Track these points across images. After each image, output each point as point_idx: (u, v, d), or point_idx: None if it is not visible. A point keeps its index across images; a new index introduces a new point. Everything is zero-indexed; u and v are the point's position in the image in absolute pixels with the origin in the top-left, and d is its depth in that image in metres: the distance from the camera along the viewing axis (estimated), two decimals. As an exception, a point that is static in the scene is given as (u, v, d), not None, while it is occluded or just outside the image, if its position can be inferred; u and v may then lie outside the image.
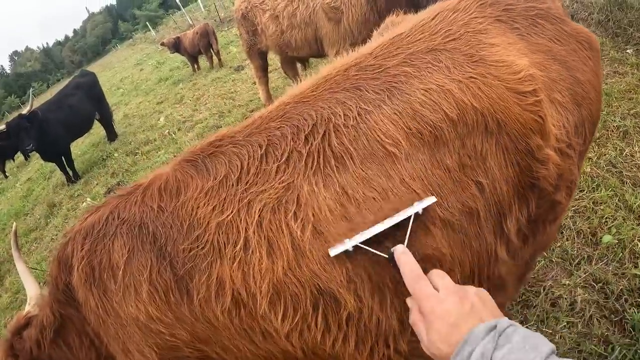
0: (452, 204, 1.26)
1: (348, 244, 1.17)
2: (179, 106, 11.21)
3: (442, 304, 0.98)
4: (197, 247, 1.31)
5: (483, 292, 1.01)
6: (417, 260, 1.10)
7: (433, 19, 1.50)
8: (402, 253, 1.10)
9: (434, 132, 1.26)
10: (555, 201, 1.48)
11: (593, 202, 3.49)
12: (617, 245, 3.08)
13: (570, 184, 1.52)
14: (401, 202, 1.22)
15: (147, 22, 49.82)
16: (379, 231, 1.17)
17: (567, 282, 2.93)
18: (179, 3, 32.44)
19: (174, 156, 7.45)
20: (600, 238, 3.15)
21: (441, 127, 1.27)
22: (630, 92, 5.01)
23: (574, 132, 1.44)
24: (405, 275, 1.07)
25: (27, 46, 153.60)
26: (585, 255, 3.08)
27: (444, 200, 1.26)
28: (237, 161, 1.35)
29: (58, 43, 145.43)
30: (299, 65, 7.33)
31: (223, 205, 1.31)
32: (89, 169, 10.09)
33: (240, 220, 1.28)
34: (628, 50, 6.19)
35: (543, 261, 3.11)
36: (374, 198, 1.23)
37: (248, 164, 1.34)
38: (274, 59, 8.25)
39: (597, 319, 2.68)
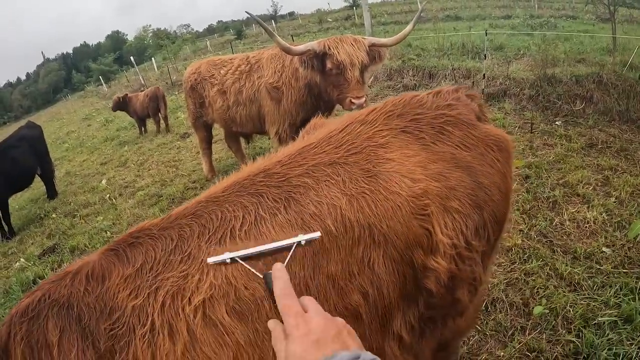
0: (333, 309, 1.33)
1: (227, 256, 1.27)
2: (122, 169, 11.06)
3: (307, 322, 0.97)
4: (117, 327, 1.37)
5: (351, 328, 1.01)
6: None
7: (341, 131, 1.60)
8: (278, 270, 1.14)
9: (319, 245, 1.34)
10: (455, 299, 1.55)
11: (524, 274, 3.61)
12: (549, 314, 3.17)
13: (474, 281, 1.58)
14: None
15: (100, 76, 49.57)
16: (259, 251, 1.27)
17: (502, 353, 2.98)
18: (133, 61, 32.65)
19: (113, 224, 7.33)
20: (533, 309, 3.23)
21: (327, 240, 1.35)
22: (559, 162, 5.31)
23: (474, 235, 1.51)
24: (275, 290, 1.09)
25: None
26: (519, 326, 3.15)
27: (326, 303, 1.32)
28: (152, 252, 1.44)
29: (9, 84, 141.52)
30: (242, 140, 7.47)
31: (138, 291, 1.39)
32: (25, 226, 9.64)
33: (149, 304, 1.36)
34: (557, 122, 6.60)
35: (477, 335, 3.15)
36: (256, 288, 1.32)
37: (160, 255, 1.42)
38: (218, 130, 8.34)
39: (533, 389, 2.70)
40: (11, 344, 1.49)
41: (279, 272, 1.14)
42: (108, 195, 9.09)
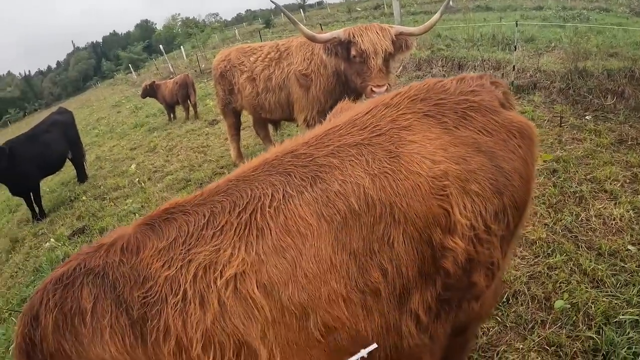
0: (354, 285, 1.41)
1: None
2: (151, 155, 11.23)
3: None
4: (149, 295, 1.48)
5: None
6: (318, 327, 1.34)
7: (366, 113, 1.66)
8: None
9: (342, 221, 1.42)
10: (471, 282, 1.60)
11: (548, 267, 3.58)
12: (570, 309, 3.15)
13: (491, 265, 1.63)
14: (304, 271, 1.40)
15: (129, 64, 50.08)
16: None
17: (521, 346, 2.97)
18: (162, 49, 32.99)
19: (142, 206, 7.47)
20: (554, 303, 3.21)
21: (349, 216, 1.42)
22: (588, 157, 5.22)
23: (493, 219, 1.55)
24: None
25: (9, 71, 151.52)
26: (539, 320, 3.14)
27: (347, 280, 1.41)
28: (185, 226, 1.53)
29: (40, 72, 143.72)
30: (270, 127, 7.52)
31: (171, 262, 1.49)
32: (56, 208, 9.91)
33: (182, 275, 1.46)
34: (587, 117, 6.46)
35: (497, 326, 3.16)
36: (283, 268, 1.41)
37: (192, 229, 1.52)
38: (246, 117, 8.41)
39: (550, 383, 2.69)
40: (42, 311, 1.60)
41: None
42: (137, 179, 9.26)
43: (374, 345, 1.40)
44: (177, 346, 1.45)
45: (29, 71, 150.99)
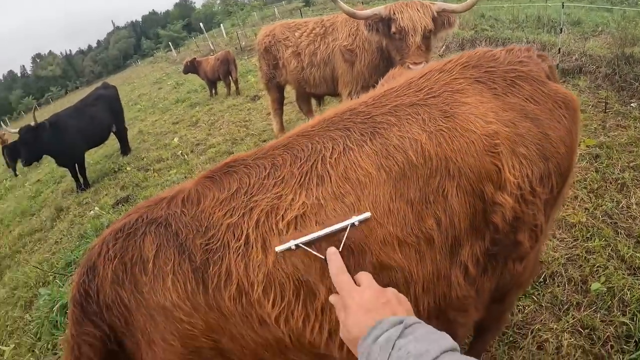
0: (410, 231, 1.49)
1: (292, 243, 1.42)
2: (193, 129, 11.40)
3: (361, 294, 1.13)
4: (212, 242, 1.56)
5: (402, 296, 1.16)
6: (373, 264, 1.41)
7: (420, 77, 1.74)
8: (332, 253, 1.31)
9: (400, 171, 1.50)
10: (517, 241, 1.67)
11: (586, 251, 3.58)
12: (606, 294, 3.15)
13: (535, 227, 1.69)
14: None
15: (169, 42, 50.59)
16: (318, 235, 1.42)
17: (555, 326, 2.99)
18: (202, 27, 33.21)
19: (185, 177, 7.66)
20: (590, 286, 3.22)
21: (407, 168, 1.50)
22: (632, 145, 5.12)
23: (538, 182, 1.62)
24: (331, 271, 1.26)
25: (50, 50, 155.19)
26: (575, 302, 3.15)
27: (403, 225, 1.49)
28: (246, 178, 1.62)
29: (80, 52, 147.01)
30: (313, 101, 7.58)
31: (232, 211, 1.57)
32: (100, 179, 10.21)
33: (244, 222, 1.54)
34: (632, 104, 6.30)
35: (533, 305, 3.19)
36: (342, 209, 1.49)
37: (254, 180, 1.60)
38: (288, 92, 8.46)
39: (581, 364, 2.72)
40: (100, 262, 1.70)
41: (333, 256, 1.31)
42: (180, 152, 9.44)
43: (367, 214, 1.45)
44: (238, 291, 1.53)
45: (70, 50, 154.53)
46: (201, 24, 34.25)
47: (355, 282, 1.22)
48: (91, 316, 1.71)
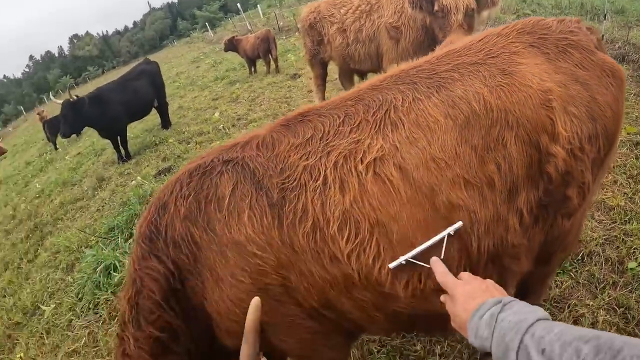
0: (473, 172, 1.63)
1: (402, 259, 1.57)
2: (234, 104, 11.47)
3: (464, 287, 1.32)
4: (288, 182, 1.69)
5: (497, 285, 1.33)
6: (443, 202, 1.59)
7: (480, 40, 1.88)
8: (435, 261, 1.49)
9: (465, 120, 1.65)
10: (566, 196, 1.80)
11: (624, 233, 3.60)
12: (643, 274, 3.18)
13: (582, 184, 1.81)
14: (433, 157, 1.64)
15: (205, 23, 50.56)
16: (422, 249, 1.57)
17: (591, 303, 3.05)
18: (240, 8, 33.26)
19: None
20: (627, 267, 3.27)
21: (471, 117, 1.65)
22: (667, 136, 5.07)
23: (587, 140, 1.75)
24: (438, 274, 1.43)
25: (87, 31, 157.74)
26: (611, 281, 3.20)
27: (469, 168, 1.63)
28: (320, 126, 1.76)
29: (117, 32, 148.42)
30: (355, 78, 7.62)
31: (308, 155, 1.71)
32: (141, 151, 10.42)
33: (321, 164, 1.67)
34: (674, 94, 6.22)
35: (570, 281, 3.26)
36: (415, 154, 1.64)
37: (329, 128, 1.74)
38: (331, 70, 8.49)
39: (615, 341, 2.80)
40: (172, 200, 1.82)
41: (437, 262, 1.48)
42: (222, 126, 9.54)
43: (460, 223, 1.60)
44: (313, 227, 1.64)
45: (107, 31, 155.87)
46: (238, 4, 34.18)
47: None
48: (157, 252, 1.80)
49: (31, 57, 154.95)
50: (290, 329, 1.88)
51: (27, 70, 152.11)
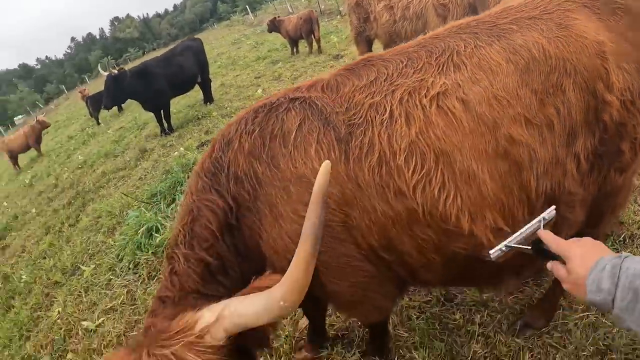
0: (533, 113, 1.72)
1: (502, 245, 1.53)
2: (276, 82, 11.58)
3: (578, 245, 1.32)
4: (355, 118, 1.77)
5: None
6: (505, 136, 1.68)
7: (534, 0, 1.96)
8: (545, 233, 1.47)
9: (526, 65, 1.75)
10: (620, 149, 1.87)
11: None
12: None
13: (635, 140, 1.88)
14: (495, 95, 1.72)
15: (246, 6, 50.72)
16: (520, 235, 1.54)
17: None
18: (282, -11, 33.21)
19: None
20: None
21: (531, 63, 1.74)
22: None
23: (638, 95, 1.82)
24: (550, 243, 1.41)
25: (128, 14, 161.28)
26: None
27: (529, 109, 1.72)
28: (384, 70, 1.86)
29: (157, 15, 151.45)
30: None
31: (373, 95, 1.80)
32: (183, 125, 10.67)
33: (387, 101, 1.76)
34: None
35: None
36: (477, 91, 1.73)
37: (392, 71, 1.84)
38: (375, 49, 8.37)
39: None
40: (236, 137, 1.89)
41: (545, 234, 1.46)
42: (265, 102, 9.53)
43: (553, 207, 1.59)
44: (379, 161, 1.71)
45: (147, 14, 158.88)
46: (281, -14, 34.31)
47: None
48: (218, 187, 1.87)
49: (73, 39, 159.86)
50: (346, 270, 1.92)
51: (68, 51, 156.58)
